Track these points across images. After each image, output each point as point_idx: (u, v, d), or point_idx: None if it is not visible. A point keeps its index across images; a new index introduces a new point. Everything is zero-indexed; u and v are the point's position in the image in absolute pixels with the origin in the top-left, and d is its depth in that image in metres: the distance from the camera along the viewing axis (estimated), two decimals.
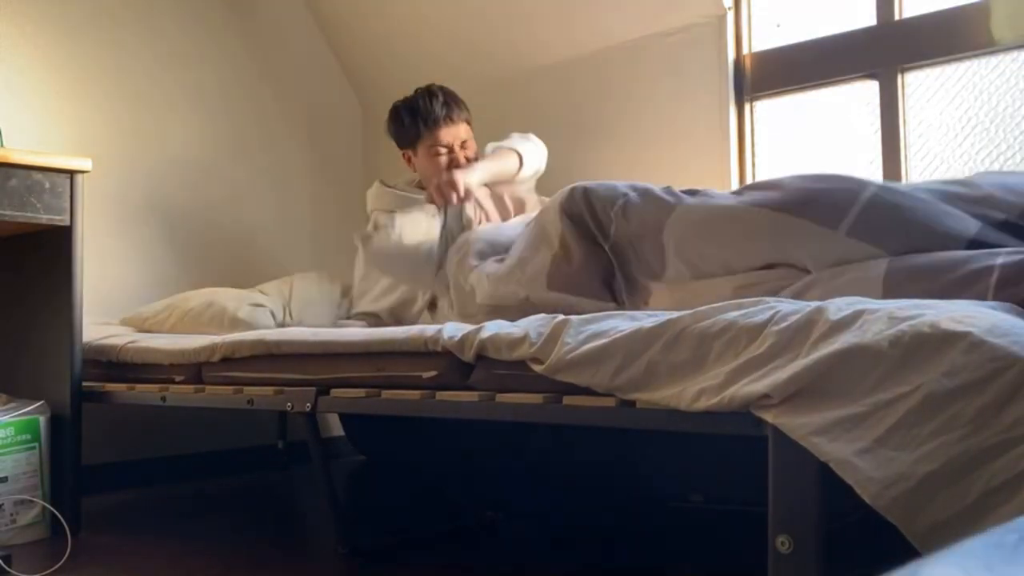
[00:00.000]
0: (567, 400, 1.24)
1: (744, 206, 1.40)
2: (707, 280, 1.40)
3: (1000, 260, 1.09)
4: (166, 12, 2.77)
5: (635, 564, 1.61)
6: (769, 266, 1.37)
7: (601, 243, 1.58)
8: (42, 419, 1.89)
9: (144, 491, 2.42)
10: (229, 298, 2.30)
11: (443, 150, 2.31)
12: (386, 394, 1.48)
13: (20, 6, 2.46)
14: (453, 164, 2.31)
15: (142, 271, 2.65)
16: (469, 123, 2.37)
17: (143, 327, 2.36)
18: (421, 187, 2.41)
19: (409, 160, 2.40)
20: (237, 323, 2.20)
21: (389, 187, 2.44)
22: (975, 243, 1.20)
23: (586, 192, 1.61)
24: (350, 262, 2.49)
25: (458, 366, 1.40)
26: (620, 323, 1.21)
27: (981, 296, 1.07)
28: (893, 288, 1.17)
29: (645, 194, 1.56)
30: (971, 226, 1.23)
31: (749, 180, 2.39)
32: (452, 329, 1.42)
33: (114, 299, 2.51)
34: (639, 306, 1.52)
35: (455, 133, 2.32)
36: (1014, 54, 2.02)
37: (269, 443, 2.77)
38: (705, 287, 1.39)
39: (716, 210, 1.44)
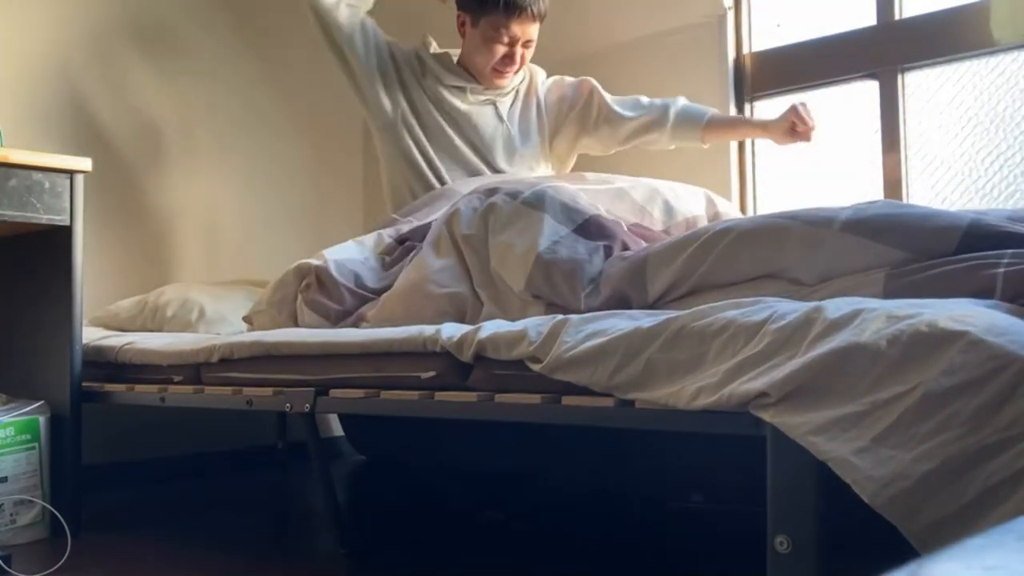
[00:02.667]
0: (566, 400, 1.23)
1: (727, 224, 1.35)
2: (693, 297, 1.36)
3: (1003, 269, 1.07)
4: (166, 12, 2.78)
5: (635, 564, 1.61)
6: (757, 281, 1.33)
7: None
8: (42, 419, 1.89)
9: (144, 491, 2.43)
10: (203, 295, 2.31)
11: (506, 40, 2.14)
12: (385, 394, 1.48)
13: (20, 6, 2.46)
14: (508, 58, 2.18)
15: (141, 271, 2.65)
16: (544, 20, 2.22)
17: (113, 325, 2.37)
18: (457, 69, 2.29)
19: (462, 24, 2.24)
20: (209, 322, 2.22)
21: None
22: (969, 233, 1.17)
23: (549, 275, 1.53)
24: None
25: (457, 366, 1.39)
26: (619, 322, 1.21)
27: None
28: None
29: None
30: (964, 217, 1.20)
31: (749, 180, 2.39)
32: (450, 329, 1.43)
33: (113, 299, 2.51)
34: None
35: (528, 30, 2.15)
36: (1014, 54, 2.02)
37: (269, 443, 2.77)
38: (692, 303, 1.36)
39: (694, 233, 1.39)
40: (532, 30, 2.16)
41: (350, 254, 1.92)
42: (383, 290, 1.83)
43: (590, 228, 1.59)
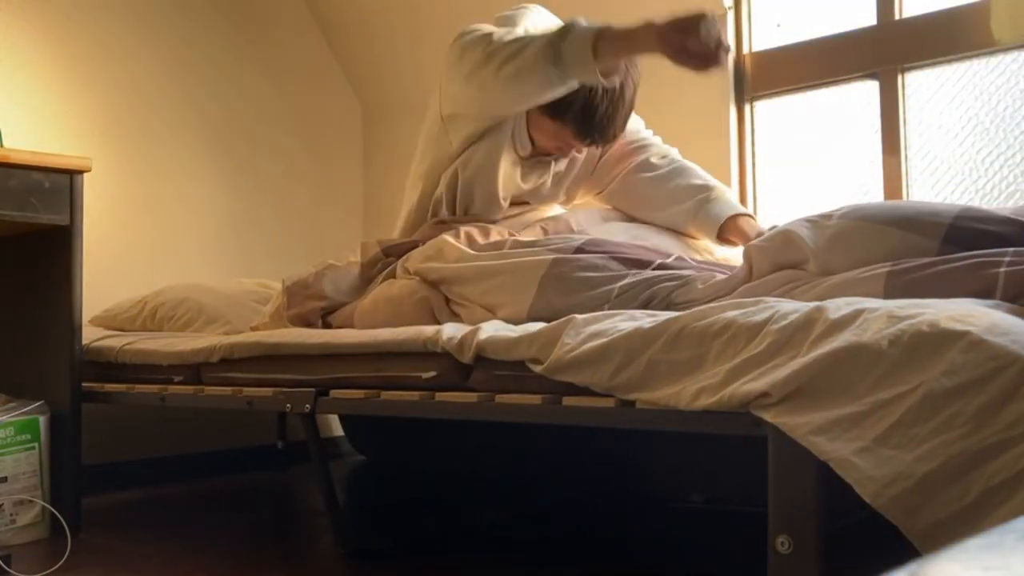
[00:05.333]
0: (566, 400, 1.23)
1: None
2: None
3: (1004, 269, 1.08)
4: (166, 12, 2.78)
5: (635, 564, 1.61)
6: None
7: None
8: (42, 419, 1.89)
9: (144, 491, 2.42)
10: (203, 295, 2.31)
11: (564, 146, 1.88)
12: (385, 395, 1.48)
13: (20, 6, 2.46)
14: (560, 151, 1.90)
15: (141, 271, 2.65)
16: None
17: (113, 325, 2.37)
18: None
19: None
20: (209, 322, 2.21)
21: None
22: (963, 215, 1.21)
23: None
24: None
25: (457, 367, 1.39)
26: (620, 323, 1.21)
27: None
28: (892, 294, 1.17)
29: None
30: (954, 206, 1.24)
31: (749, 180, 2.39)
32: (451, 330, 1.42)
33: (113, 299, 2.51)
34: None
35: (586, 150, 1.94)
36: (1014, 54, 2.02)
37: (269, 443, 2.77)
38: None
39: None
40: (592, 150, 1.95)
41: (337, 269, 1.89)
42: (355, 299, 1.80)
43: (587, 248, 1.56)
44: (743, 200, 2.38)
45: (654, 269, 1.50)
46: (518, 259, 1.56)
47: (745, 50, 2.40)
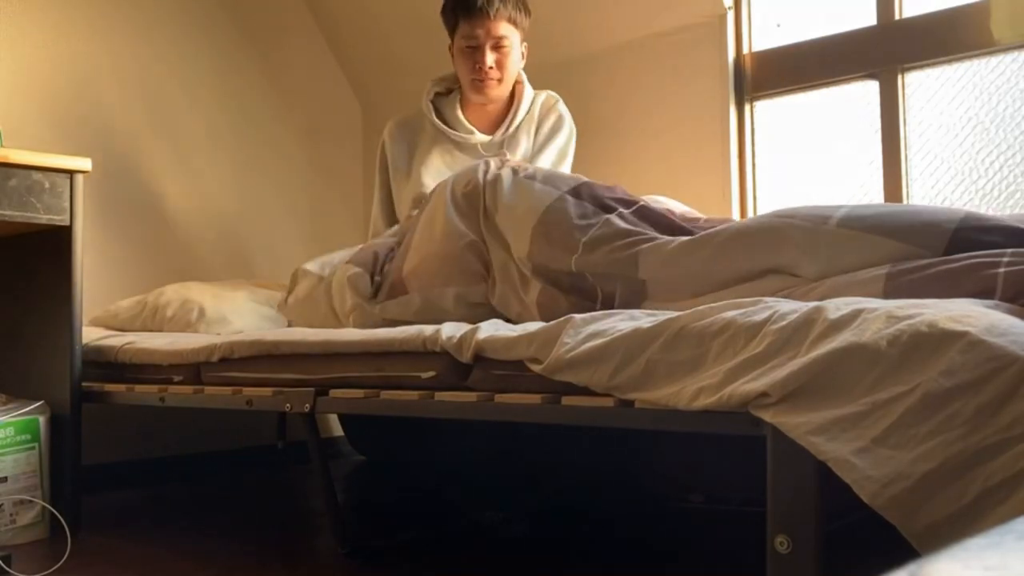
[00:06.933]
0: (566, 400, 1.23)
1: (726, 226, 1.42)
2: (693, 300, 1.38)
3: (1003, 269, 1.08)
4: (166, 12, 2.78)
5: (635, 564, 1.61)
6: (759, 279, 1.36)
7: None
8: (42, 419, 1.89)
9: (144, 491, 2.42)
10: (203, 295, 2.31)
11: (472, 45, 2.05)
12: (385, 394, 1.48)
13: (20, 6, 2.46)
14: (479, 64, 2.07)
15: (141, 271, 2.65)
16: (517, 24, 2.09)
17: (113, 325, 2.37)
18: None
19: (452, 54, 2.18)
20: (209, 322, 2.21)
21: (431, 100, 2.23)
22: (965, 224, 1.20)
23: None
24: None
25: (457, 366, 1.40)
26: (619, 323, 1.21)
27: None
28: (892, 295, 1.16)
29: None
30: (959, 211, 1.24)
31: (749, 180, 2.39)
32: (450, 329, 1.43)
33: (113, 299, 2.51)
34: None
35: (490, 29, 2.03)
36: (1014, 54, 2.02)
37: (268, 443, 2.77)
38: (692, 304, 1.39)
39: (693, 238, 1.45)
40: (498, 29, 2.05)
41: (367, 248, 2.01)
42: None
43: (581, 191, 1.65)
44: (743, 199, 2.38)
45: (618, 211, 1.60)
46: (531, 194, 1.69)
47: (745, 50, 2.40)
